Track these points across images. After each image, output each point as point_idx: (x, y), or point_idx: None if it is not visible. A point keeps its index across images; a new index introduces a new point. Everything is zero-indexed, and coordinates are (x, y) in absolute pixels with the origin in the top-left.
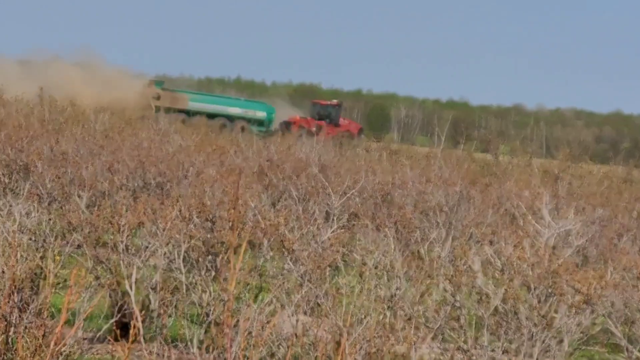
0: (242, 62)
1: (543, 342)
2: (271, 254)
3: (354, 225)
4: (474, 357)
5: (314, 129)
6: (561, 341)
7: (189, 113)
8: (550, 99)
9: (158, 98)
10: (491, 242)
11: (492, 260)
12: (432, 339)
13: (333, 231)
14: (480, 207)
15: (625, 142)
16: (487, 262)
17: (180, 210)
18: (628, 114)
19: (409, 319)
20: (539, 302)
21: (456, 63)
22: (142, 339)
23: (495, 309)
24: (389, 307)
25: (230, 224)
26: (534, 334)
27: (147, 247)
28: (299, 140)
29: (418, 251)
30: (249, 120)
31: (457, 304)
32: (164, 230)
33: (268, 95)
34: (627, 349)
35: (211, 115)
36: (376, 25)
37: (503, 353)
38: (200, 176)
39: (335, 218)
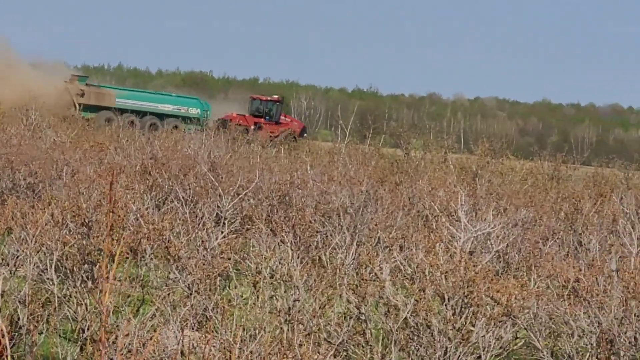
0: (123, 48)
1: (458, 358)
2: (155, 262)
3: (247, 229)
4: None
5: (253, 127)
6: (479, 357)
7: (115, 111)
8: (469, 88)
9: (82, 95)
10: (401, 248)
11: (402, 267)
12: (334, 356)
13: (224, 236)
14: (390, 209)
15: (552, 135)
16: (397, 270)
17: (52, 214)
18: (557, 104)
19: (309, 334)
20: (454, 314)
21: (364, 49)
22: (9, 359)
23: (405, 322)
24: (286, 320)
25: (108, 229)
26: (447, 350)
27: (15, 256)
28: (187, 135)
29: (319, 258)
30: (182, 118)
31: (362, 317)
32: (34, 236)
33: (153, 85)
34: None
35: (141, 113)
36: (271, 9)
37: None
38: (76, 176)
39: (226, 222)
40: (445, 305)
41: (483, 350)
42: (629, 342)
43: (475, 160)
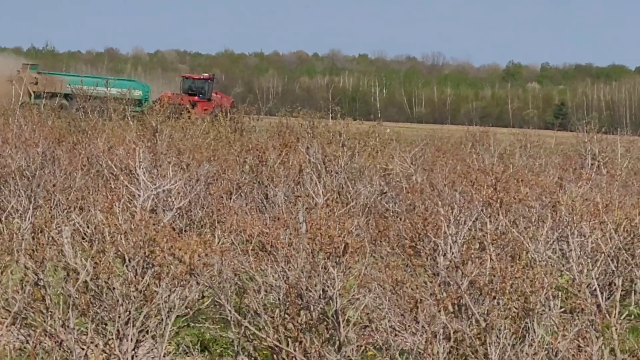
0: None
1: (142, 320)
2: None
3: None
4: (65, 342)
5: (187, 105)
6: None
7: (66, 96)
8: (148, 42)
9: (36, 83)
10: (81, 209)
11: (82, 229)
12: (13, 323)
13: None
14: (68, 169)
15: (236, 86)
16: (77, 233)
17: None
18: (240, 53)
19: None
20: (136, 275)
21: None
22: None
23: (86, 285)
24: None
25: None
26: (130, 312)
27: None
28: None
29: None
30: (126, 101)
31: (41, 283)
32: None
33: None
34: (239, 323)
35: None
36: None
37: (97, 335)
38: None
39: None
40: (127, 266)
41: (168, 311)
42: (319, 296)
43: (155, 116)
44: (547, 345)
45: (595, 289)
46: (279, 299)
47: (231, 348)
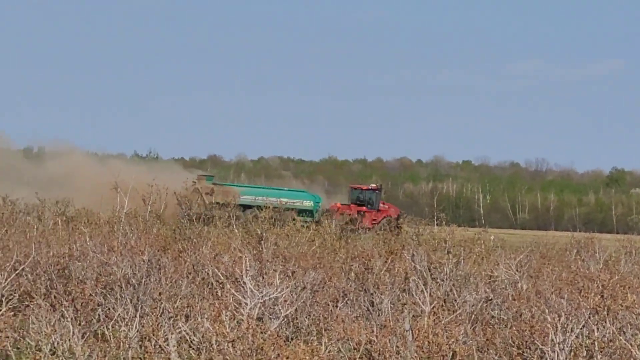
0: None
1: None
2: None
3: (27, 306)
4: None
5: (356, 215)
6: None
7: (240, 207)
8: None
9: (212, 194)
10: (187, 317)
11: (188, 337)
12: None
13: (1, 314)
14: (173, 277)
15: (340, 193)
16: (183, 341)
17: None
18: (343, 160)
19: None
20: None
21: None
22: None
23: None
24: None
25: None
26: None
27: None
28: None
29: (103, 332)
30: (298, 210)
31: None
32: None
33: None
34: None
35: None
36: None
37: None
38: None
39: (3, 299)
40: None
41: None
42: None
43: (260, 224)
44: None
45: None
46: None
47: None
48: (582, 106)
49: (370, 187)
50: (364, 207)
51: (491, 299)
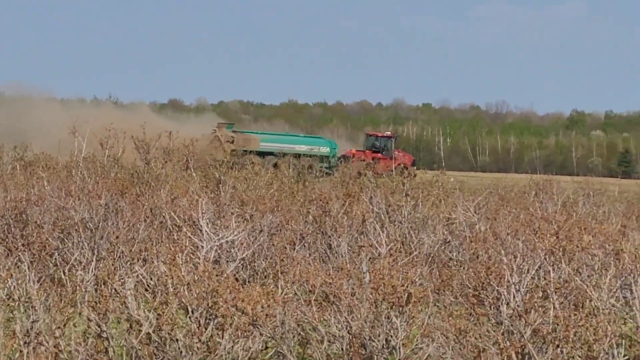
0: None
1: None
2: None
3: None
4: None
5: (371, 161)
6: None
7: (260, 154)
8: (213, 92)
9: (233, 141)
10: (144, 261)
11: (145, 281)
12: None
13: None
14: (131, 221)
15: None
16: (140, 284)
17: None
18: (303, 104)
19: (50, 355)
20: (199, 326)
21: None
22: None
23: (149, 337)
24: (25, 342)
25: None
26: None
27: None
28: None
29: (60, 276)
30: (315, 157)
31: (104, 335)
32: None
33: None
34: None
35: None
36: None
37: None
38: None
39: None
40: (190, 318)
41: None
42: (382, 346)
43: (218, 167)
44: None
45: None
46: (342, 349)
47: None
48: (543, 49)
49: (385, 135)
50: (379, 154)
51: (449, 241)
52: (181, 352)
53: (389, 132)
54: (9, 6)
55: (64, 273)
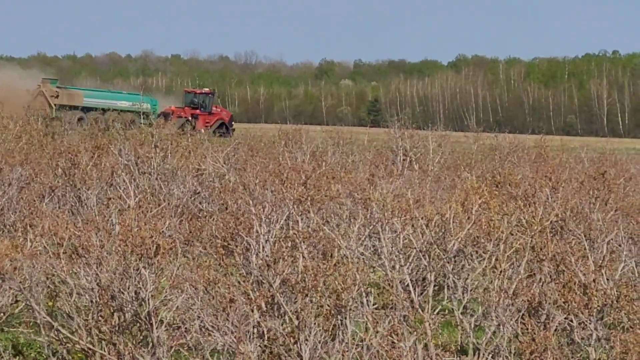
0: None
1: None
2: None
3: None
4: None
5: (190, 118)
6: None
7: (84, 109)
8: None
9: (57, 97)
10: None
11: None
12: None
13: None
14: None
15: None
16: None
17: None
18: (52, 57)
19: None
20: None
21: None
22: None
23: None
24: None
25: None
26: None
27: None
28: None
29: None
30: (137, 113)
31: None
32: None
33: None
34: (51, 327)
35: (104, 111)
36: None
37: None
38: None
39: None
40: None
41: None
42: (131, 298)
43: None
44: (359, 341)
45: (407, 285)
46: (91, 301)
47: (45, 352)
48: None
49: (203, 91)
50: (198, 110)
51: (198, 192)
52: None
53: (208, 89)
54: None
55: None
